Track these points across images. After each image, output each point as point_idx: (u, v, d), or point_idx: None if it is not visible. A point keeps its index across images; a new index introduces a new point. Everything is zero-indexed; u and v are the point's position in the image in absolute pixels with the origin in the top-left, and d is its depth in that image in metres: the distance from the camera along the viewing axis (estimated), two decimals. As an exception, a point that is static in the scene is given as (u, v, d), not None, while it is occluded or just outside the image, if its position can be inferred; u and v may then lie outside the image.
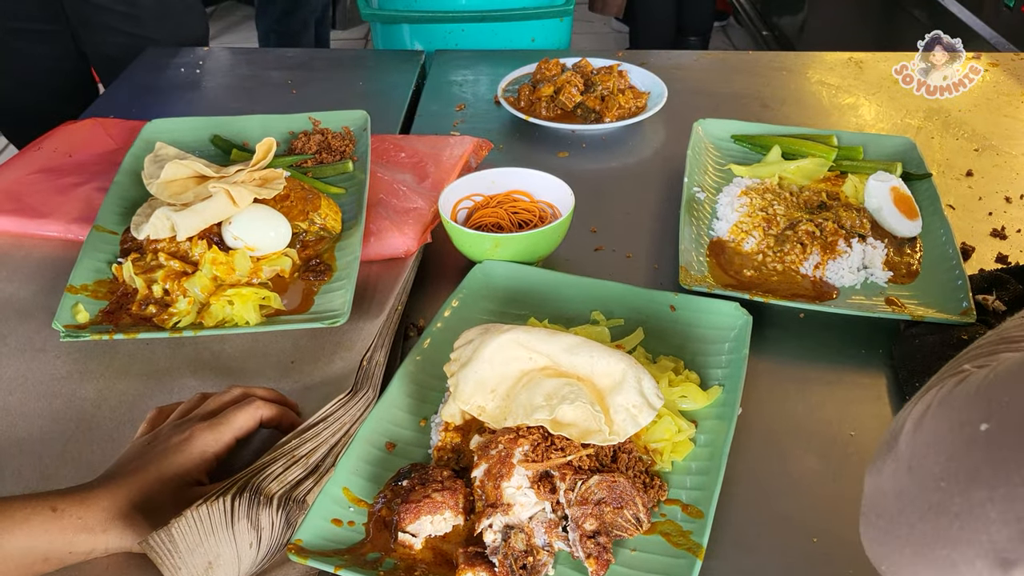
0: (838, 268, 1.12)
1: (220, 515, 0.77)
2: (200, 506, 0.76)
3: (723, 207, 1.22)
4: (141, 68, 1.73)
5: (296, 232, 1.14)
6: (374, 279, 1.12)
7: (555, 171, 1.24)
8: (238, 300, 1.05)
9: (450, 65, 1.71)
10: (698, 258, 1.15)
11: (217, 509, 0.77)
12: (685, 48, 3.80)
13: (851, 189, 1.24)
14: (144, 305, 1.06)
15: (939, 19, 2.26)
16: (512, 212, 1.19)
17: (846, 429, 0.94)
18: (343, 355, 1.02)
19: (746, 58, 1.76)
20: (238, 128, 1.36)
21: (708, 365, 0.98)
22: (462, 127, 1.50)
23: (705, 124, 1.38)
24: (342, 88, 1.64)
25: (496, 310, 1.06)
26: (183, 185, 1.16)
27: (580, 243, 1.21)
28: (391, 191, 1.23)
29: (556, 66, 1.53)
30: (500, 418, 0.84)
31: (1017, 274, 1.12)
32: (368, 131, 1.31)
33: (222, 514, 0.77)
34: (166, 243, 1.11)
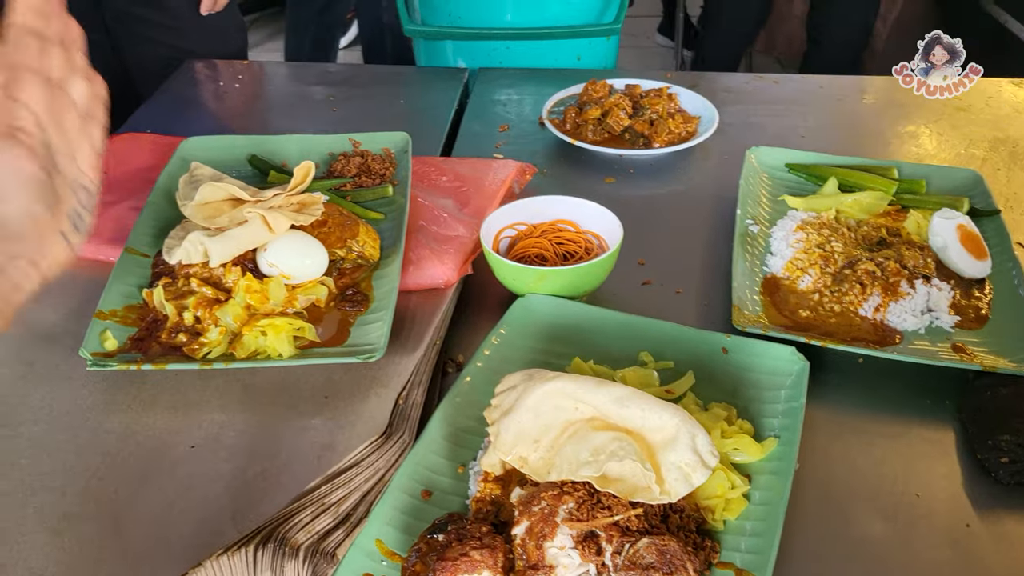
0: (900, 311, 1.05)
1: (242, 566, 0.73)
2: (221, 556, 0.72)
3: (777, 242, 1.17)
4: (179, 82, 1.71)
5: (333, 260, 1.10)
6: (412, 310, 1.08)
7: (601, 198, 1.19)
8: (271, 331, 1.01)
9: (494, 84, 1.67)
10: (751, 296, 1.09)
11: (239, 560, 0.73)
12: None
13: (914, 225, 1.17)
14: (174, 333, 1.03)
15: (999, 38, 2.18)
16: (557, 243, 1.14)
17: (912, 488, 0.88)
18: (378, 391, 0.98)
19: (799, 81, 1.70)
20: (276, 148, 1.32)
21: (763, 413, 0.93)
22: (505, 149, 1.46)
23: (758, 152, 1.32)
24: (383, 106, 1.60)
25: (539, 348, 1.01)
26: (218, 208, 1.12)
27: (627, 276, 1.16)
28: (432, 217, 1.19)
29: (603, 88, 1.49)
30: (543, 471, 0.79)
31: (1095, 321, 1.05)
32: (409, 154, 1.27)
33: (244, 565, 0.73)
34: (199, 268, 1.07)
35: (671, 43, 3.99)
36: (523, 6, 1.73)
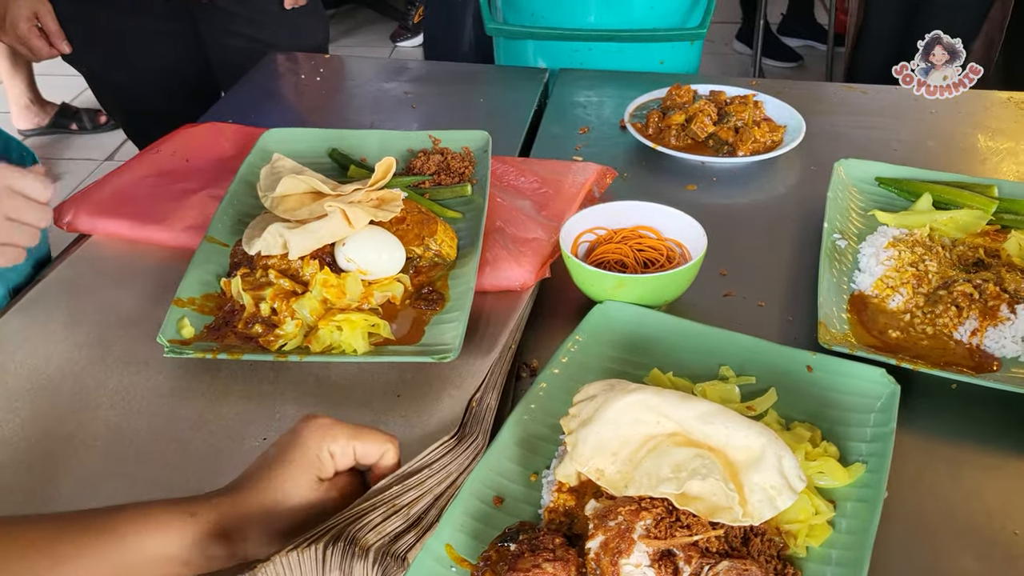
0: (999, 336, 1.00)
1: (311, 564, 0.72)
2: (290, 551, 0.71)
3: (867, 258, 1.12)
4: (261, 73, 1.72)
5: (410, 257, 1.09)
6: (487, 312, 1.06)
7: (682, 205, 1.16)
8: (347, 326, 1.00)
9: (574, 85, 1.65)
10: (838, 313, 1.05)
11: (308, 557, 0.72)
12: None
13: (1015, 247, 1.12)
14: (251, 323, 1.03)
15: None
16: (638, 249, 1.11)
17: (1010, 526, 0.83)
18: (452, 392, 0.96)
19: (891, 93, 1.64)
20: (356, 142, 1.32)
21: (848, 437, 0.89)
22: (585, 151, 1.43)
23: (847, 165, 1.28)
24: (462, 104, 1.59)
25: (617, 356, 0.99)
26: (298, 201, 1.12)
27: (708, 287, 1.13)
28: (509, 219, 1.17)
29: (688, 93, 1.45)
30: (620, 484, 0.77)
31: None
32: (489, 153, 1.26)
33: (313, 563, 0.72)
34: (277, 260, 1.07)
35: (750, 50, 3.92)
36: (607, 7, 1.71)
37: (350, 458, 0.80)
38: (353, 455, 0.80)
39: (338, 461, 0.79)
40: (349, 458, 0.80)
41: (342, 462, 0.79)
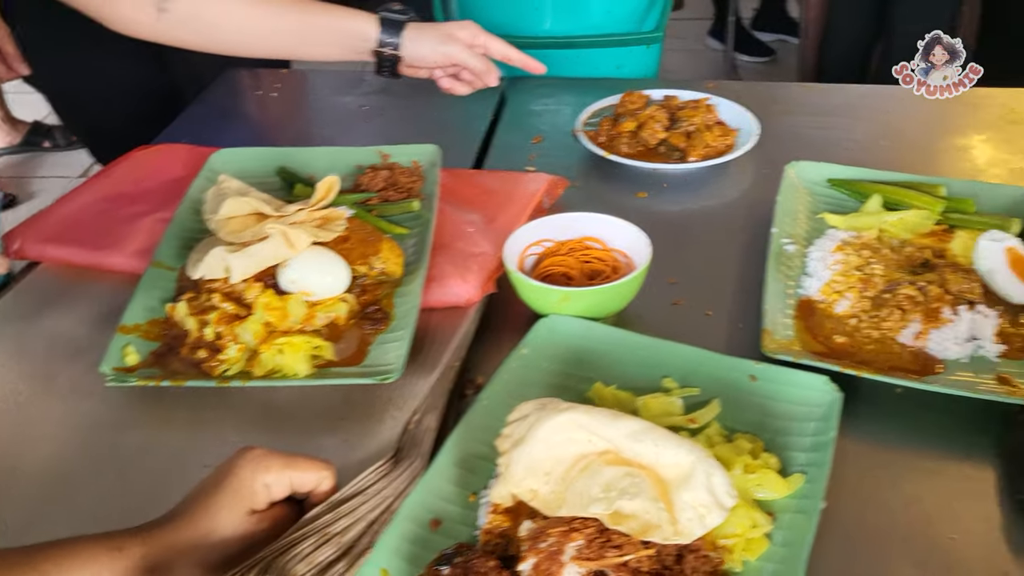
0: (942, 338, 1.00)
1: (242, 597, 0.72)
2: (217, 588, 0.71)
3: (814, 262, 1.12)
4: (218, 91, 1.71)
5: (355, 276, 1.09)
6: (433, 329, 1.06)
7: (633, 213, 1.16)
8: (289, 349, 1.00)
9: (531, 93, 1.65)
10: (783, 320, 1.05)
11: (238, 590, 0.72)
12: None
13: (960, 247, 1.12)
14: (195, 348, 1.02)
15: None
16: (584, 261, 1.11)
17: (946, 531, 0.83)
18: (394, 414, 0.96)
19: (846, 91, 1.64)
20: (305, 160, 1.31)
21: (790, 447, 0.89)
22: (538, 161, 1.43)
23: (799, 167, 1.28)
24: (418, 116, 1.59)
25: (561, 371, 0.99)
26: (242, 223, 1.12)
27: (656, 296, 1.12)
28: (457, 233, 1.16)
29: (640, 99, 1.45)
30: (553, 505, 0.76)
31: None
32: (438, 167, 1.25)
33: (243, 596, 0.72)
34: (222, 283, 1.06)
35: (722, 46, 3.93)
36: (563, 14, 1.70)
37: (285, 488, 0.79)
38: (289, 484, 0.80)
39: (273, 491, 0.79)
40: (284, 488, 0.79)
41: (277, 492, 0.79)
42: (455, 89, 1.38)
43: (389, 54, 1.28)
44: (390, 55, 1.28)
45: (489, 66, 1.34)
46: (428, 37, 1.29)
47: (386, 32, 1.27)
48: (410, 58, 1.29)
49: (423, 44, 1.29)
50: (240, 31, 1.27)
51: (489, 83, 1.36)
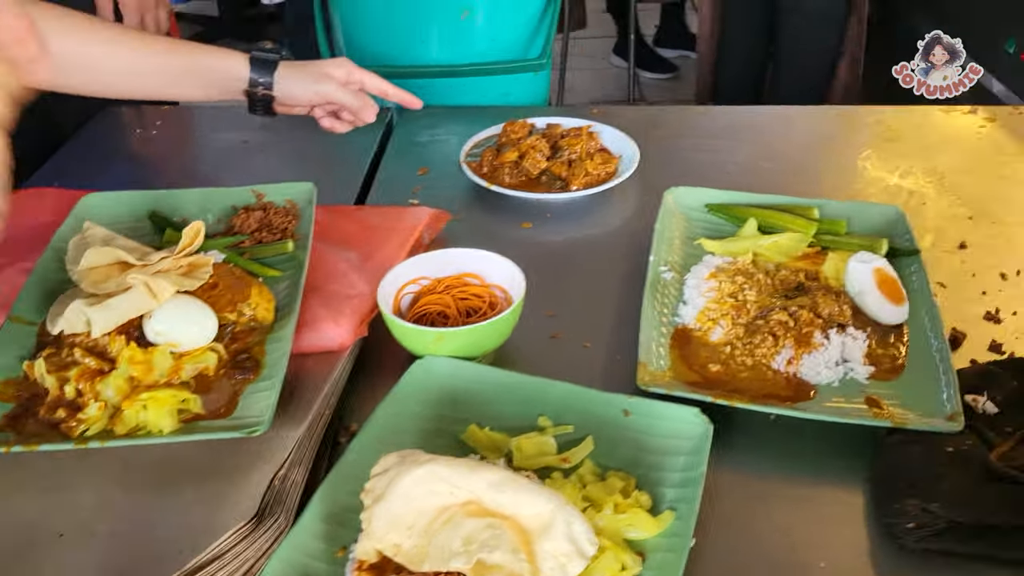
0: (814, 363, 1.02)
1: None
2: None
3: (690, 290, 1.13)
4: (95, 130, 1.65)
5: (224, 324, 1.05)
6: (305, 376, 1.03)
7: (518, 244, 1.15)
8: (153, 405, 0.96)
9: (417, 123, 1.63)
10: (658, 350, 1.05)
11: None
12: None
13: (832, 270, 1.14)
14: (54, 408, 0.98)
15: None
16: (461, 298, 1.10)
17: (816, 558, 0.84)
18: (262, 467, 0.93)
19: (729, 113, 1.67)
20: (177, 203, 1.27)
21: (662, 483, 0.88)
22: (423, 194, 1.41)
23: (677, 193, 1.29)
24: (302, 150, 1.56)
25: (435, 414, 0.97)
26: (105, 273, 1.07)
27: (535, 329, 1.12)
28: (332, 274, 1.14)
29: (523, 128, 1.45)
30: (417, 559, 0.75)
31: (1012, 367, 1.02)
32: (313, 205, 1.23)
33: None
34: (84, 338, 1.02)
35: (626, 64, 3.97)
36: (448, 43, 1.69)
37: None
38: None
39: None
40: None
41: None
42: (335, 128, 1.37)
43: (262, 94, 1.26)
44: (263, 95, 1.26)
45: (365, 103, 1.32)
46: (301, 76, 1.28)
47: (257, 71, 1.25)
48: (283, 97, 1.28)
49: (296, 83, 1.27)
50: (106, 73, 1.24)
51: (367, 120, 1.34)
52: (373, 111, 1.34)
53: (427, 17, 1.67)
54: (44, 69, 1.14)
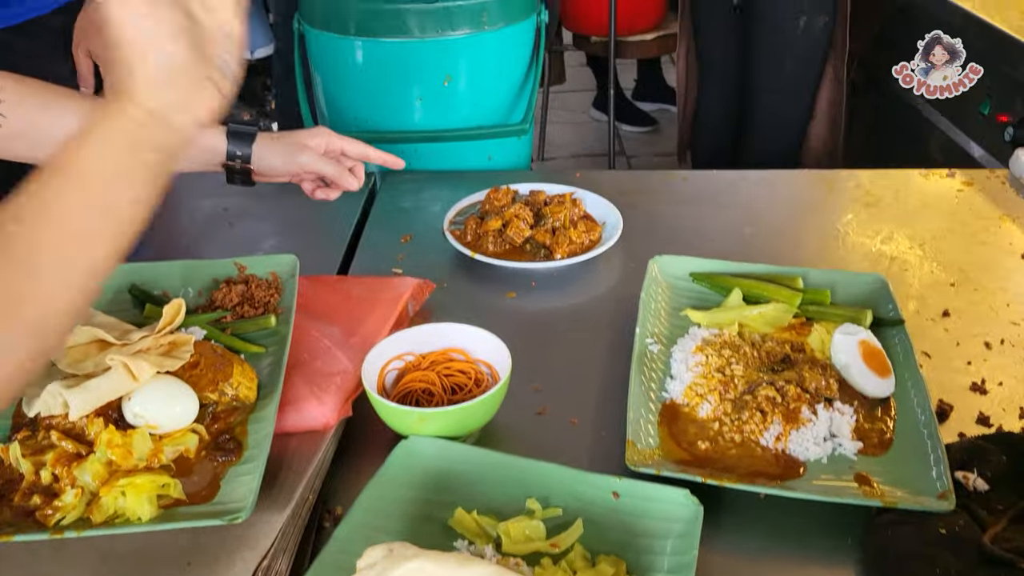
0: (802, 439, 1.01)
1: None
2: None
3: (677, 364, 1.12)
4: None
5: (205, 404, 1.03)
6: (289, 457, 1.01)
7: (502, 314, 1.14)
8: (132, 491, 0.94)
9: (400, 188, 1.63)
10: (646, 427, 1.04)
11: None
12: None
13: (817, 342, 1.14)
14: (29, 494, 0.95)
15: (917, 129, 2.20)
16: (446, 374, 1.09)
17: (808, 647, 0.82)
18: (245, 555, 0.90)
19: (708, 178, 1.68)
20: (158, 275, 1.25)
21: (653, 567, 0.87)
22: (406, 263, 1.41)
23: (661, 262, 1.29)
24: (284, 217, 1.55)
25: (420, 498, 0.95)
26: (83, 352, 1.06)
27: (521, 405, 1.11)
28: (315, 350, 1.13)
29: (506, 195, 1.45)
30: (405, 659, 0.73)
31: (1001, 442, 1.01)
32: (296, 278, 1.22)
33: None
34: (61, 419, 1.00)
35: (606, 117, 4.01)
36: (431, 109, 1.70)
37: None
38: None
39: None
40: None
41: None
42: (326, 196, 1.37)
43: (240, 166, 1.25)
44: (241, 167, 1.26)
45: (344, 172, 1.32)
46: (279, 148, 1.28)
47: (235, 144, 1.25)
48: (261, 169, 1.28)
49: (274, 155, 1.27)
50: None
51: (350, 188, 1.34)
52: (353, 180, 1.34)
53: (410, 83, 1.67)
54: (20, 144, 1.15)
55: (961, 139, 2.04)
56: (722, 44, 2.69)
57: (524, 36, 1.74)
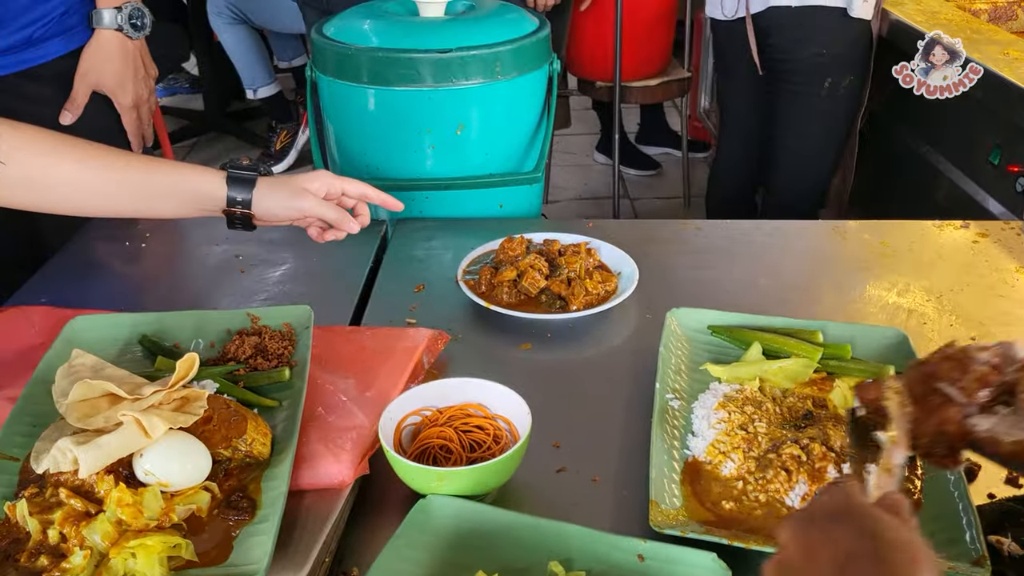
0: (829, 500, 0.98)
1: None
2: None
3: (699, 420, 1.10)
4: (84, 241, 1.63)
5: (218, 460, 1.01)
6: (304, 514, 0.99)
7: (517, 366, 1.12)
8: (142, 553, 0.91)
9: (412, 236, 1.62)
10: (670, 486, 1.02)
11: None
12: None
13: (840, 398, 1.12)
14: (35, 555, 0.92)
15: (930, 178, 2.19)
16: (464, 430, 1.06)
17: None
18: (259, 620, 0.88)
19: (723, 227, 1.67)
20: (170, 326, 1.24)
21: (683, 635, 0.84)
22: (419, 313, 1.39)
23: (679, 314, 1.27)
24: (296, 265, 1.54)
25: (441, 559, 0.93)
26: (94, 407, 1.03)
27: (540, 462, 1.08)
28: (330, 404, 1.11)
29: (520, 245, 1.44)
30: None
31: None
32: (310, 330, 1.20)
33: None
34: (69, 476, 0.98)
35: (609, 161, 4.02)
36: (443, 157, 1.69)
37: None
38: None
39: None
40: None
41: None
42: (326, 237, 1.35)
43: (240, 212, 1.24)
44: (241, 213, 1.24)
45: (344, 216, 1.30)
46: (279, 193, 1.26)
47: (235, 190, 1.23)
48: (261, 214, 1.26)
49: (274, 201, 1.25)
50: (78, 192, 1.22)
51: (350, 231, 1.32)
52: (353, 224, 1.31)
53: (422, 131, 1.67)
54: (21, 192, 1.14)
55: (971, 188, 2.04)
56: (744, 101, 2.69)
57: (536, 85, 1.74)
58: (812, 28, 2.32)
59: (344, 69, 1.66)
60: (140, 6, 1.70)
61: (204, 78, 4.70)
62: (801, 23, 2.33)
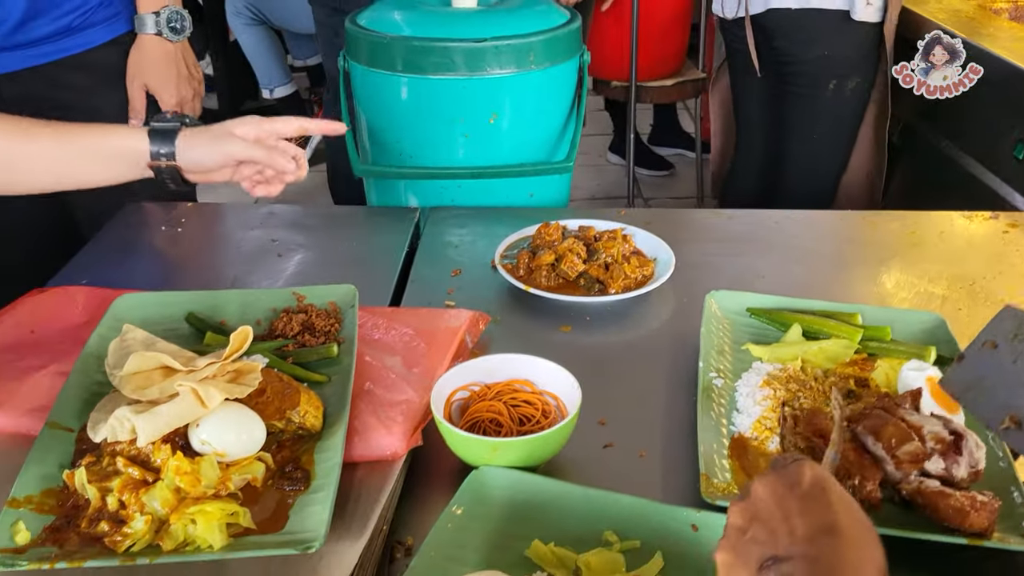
0: (877, 474, 1.00)
1: None
2: None
3: (744, 398, 1.11)
4: (120, 226, 1.65)
5: (272, 432, 1.02)
6: (357, 486, 1.00)
7: (557, 348, 1.13)
8: (202, 519, 0.92)
9: (445, 223, 1.63)
10: (719, 461, 1.03)
11: None
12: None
13: (883, 377, 1.13)
14: (96, 521, 0.94)
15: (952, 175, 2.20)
16: (512, 405, 1.08)
17: None
18: (319, 586, 0.89)
19: (754, 216, 1.68)
20: (216, 304, 1.25)
21: (739, 601, 0.85)
22: (457, 296, 1.40)
23: (718, 297, 1.29)
24: (332, 249, 1.56)
25: (496, 528, 0.94)
26: (148, 379, 1.05)
27: (587, 439, 1.09)
28: (379, 379, 1.12)
29: (556, 230, 1.45)
30: None
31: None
32: (356, 308, 1.21)
33: None
34: (126, 446, 0.99)
35: (623, 162, 4.04)
36: (475, 146, 1.71)
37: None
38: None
39: None
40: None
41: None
42: (257, 191, 1.27)
43: (166, 165, 1.19)
44: (168, 166, 1.19)
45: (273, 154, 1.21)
46: (203, 140, 1.20)
47: (156, 143, 1.18)
48: (189, 165, 1.20)
49: (199, 149, 1.19)
50: None
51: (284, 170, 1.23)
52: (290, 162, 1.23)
53: (455, 120, 1.68)
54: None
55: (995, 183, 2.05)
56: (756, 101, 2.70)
57: (568, 76, 1.76)
58: (814, 30, 2.33)
59: (378, 58, 1.68)
60: (179, 9, 1.72)
61: (218, 77, 4.71)
62: (802, 25, 2.34)
